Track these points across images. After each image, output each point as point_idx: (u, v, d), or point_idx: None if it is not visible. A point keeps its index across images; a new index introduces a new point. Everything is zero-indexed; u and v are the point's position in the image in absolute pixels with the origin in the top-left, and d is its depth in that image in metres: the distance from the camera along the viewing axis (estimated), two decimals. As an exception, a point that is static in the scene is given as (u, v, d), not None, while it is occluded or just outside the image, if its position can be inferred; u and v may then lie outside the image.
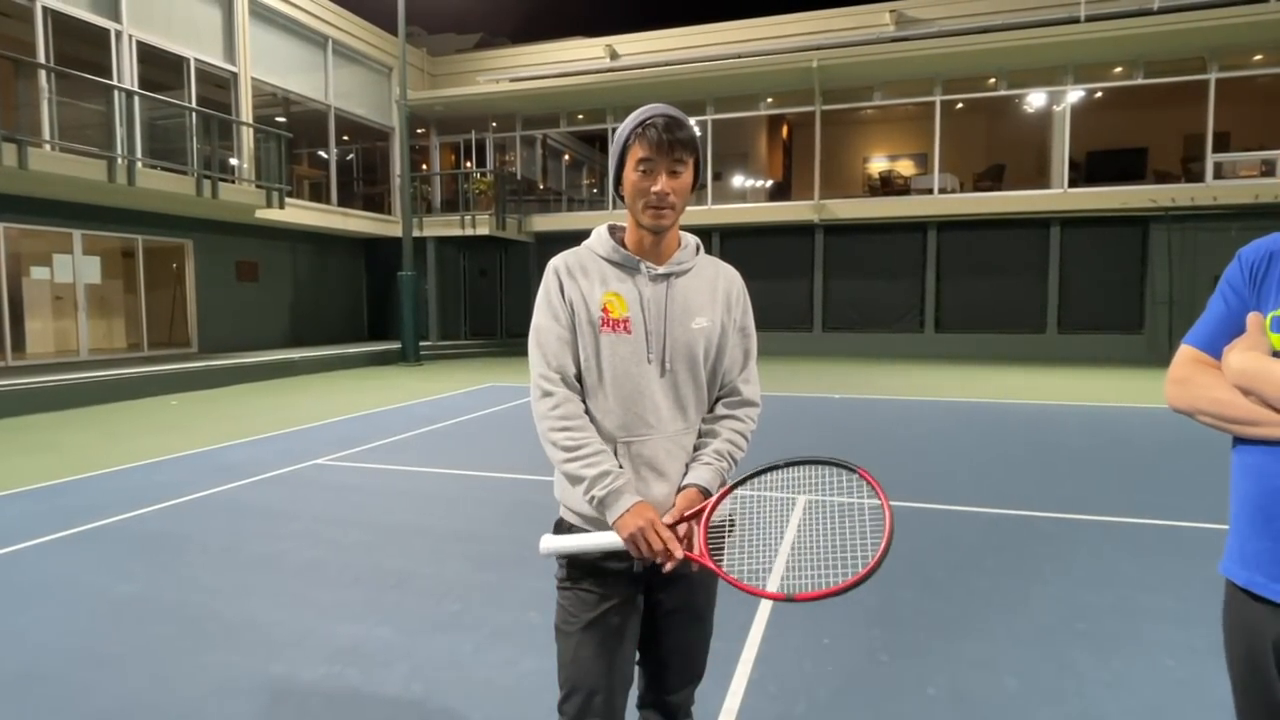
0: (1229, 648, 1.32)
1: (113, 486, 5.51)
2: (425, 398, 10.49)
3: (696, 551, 1.47)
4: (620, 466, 1.51)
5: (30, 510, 4.89)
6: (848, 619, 3.13)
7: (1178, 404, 1.31)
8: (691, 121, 1.54)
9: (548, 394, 1.52)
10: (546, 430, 1.52)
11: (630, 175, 1.51)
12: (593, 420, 1.55)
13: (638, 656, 1.64)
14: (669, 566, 1.43)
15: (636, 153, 1.50)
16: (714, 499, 1.51)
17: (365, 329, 18.97)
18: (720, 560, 1.49)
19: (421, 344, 16.31)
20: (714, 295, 1.60)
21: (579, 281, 1.55)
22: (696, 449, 1.59)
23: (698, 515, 1.49)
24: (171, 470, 6.03)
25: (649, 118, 1.49)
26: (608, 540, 1.47)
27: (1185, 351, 1.33)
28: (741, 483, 1.53)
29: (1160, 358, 14.98)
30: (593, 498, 1.47)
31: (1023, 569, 3.77)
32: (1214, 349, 1.29)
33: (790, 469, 1.53)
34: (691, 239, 1.64)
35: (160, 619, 3.23)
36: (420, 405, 9.77)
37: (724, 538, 1.53)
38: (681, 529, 1.47)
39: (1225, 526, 1.22)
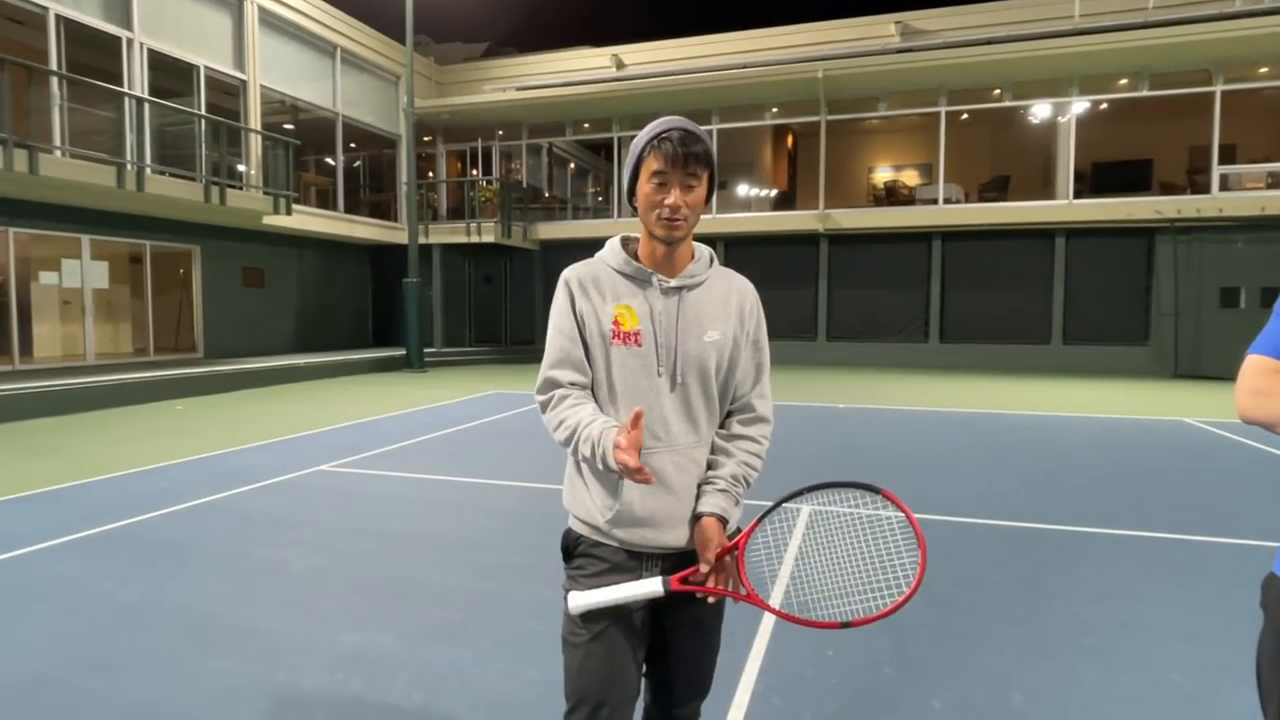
0: None
1: (117, 491, 5.52)
2: (429, 404, 10.50)
3: (742, 590, 1.50)
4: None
5: (34, 514, 4.90)
6: (852, 630, 3.10)
7: (1256, 414, 1.23)
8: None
9: (545, 402, 1.58)
10: (549, 430, 1.58)
11: (644, 188, 1.52)
12: None
13: (644, 670, 1.64)
14: (636, 476, 1.36)
15: (651, 165, 1.50)
16: (746, 531, 1.51)
17: (370, 335, 19.02)
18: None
19: (426, 351, 16.34)
20: (726, 308, 1.59)
21: (590, 294, 1.56)
22: (709, 466, 1.58)
23: (733, 549, 1.50)
24: (175, 476, 6.03)
25: (664, 131, 1.50)
26: (640, 590, 1.47)
27: (1258, 361, 1.24)
28: (769, 512, 1.53)
29: (1166, 369, 14.93)
30: (594, 456, 1.45)
31: (1029, 582, 3.74)
32: None
33: (816, 494, 1.54)
34: (705, 251, 1.63)
35: (163, 625, 3.22)
36: (424, 412, 9.77)
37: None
38: (717, 567, 1.47)
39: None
